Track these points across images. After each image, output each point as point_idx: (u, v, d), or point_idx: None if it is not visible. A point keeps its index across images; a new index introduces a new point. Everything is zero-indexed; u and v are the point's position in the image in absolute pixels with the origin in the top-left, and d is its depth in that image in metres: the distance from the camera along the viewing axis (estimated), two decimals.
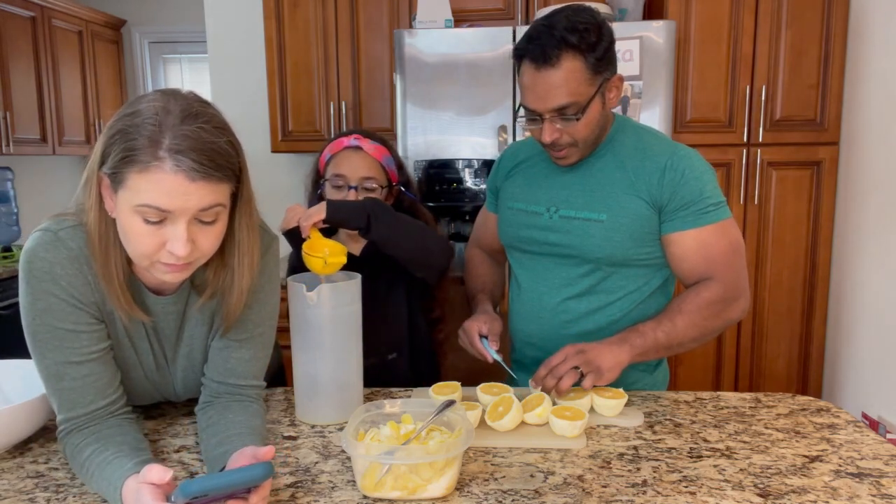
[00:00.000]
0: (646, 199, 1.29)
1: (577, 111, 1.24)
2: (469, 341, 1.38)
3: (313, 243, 1.28)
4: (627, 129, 1.36)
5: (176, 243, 0.91)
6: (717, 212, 1.28)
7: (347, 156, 1.55)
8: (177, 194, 0.89)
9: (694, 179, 1.27)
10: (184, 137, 0.88)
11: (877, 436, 1.12)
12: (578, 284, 1.36)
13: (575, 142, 1.28)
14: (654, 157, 1.30)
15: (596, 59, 1.22)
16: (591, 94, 1.24)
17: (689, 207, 1.27)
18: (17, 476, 1.02)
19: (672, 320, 1.26)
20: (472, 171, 2.53)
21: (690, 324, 1.27)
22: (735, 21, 2.63)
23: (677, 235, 1.29)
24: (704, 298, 1.27)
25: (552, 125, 1.26)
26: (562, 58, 1.20)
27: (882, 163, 2.50)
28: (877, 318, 2.55)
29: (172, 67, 4.87)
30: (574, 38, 1.20)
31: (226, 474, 0.81)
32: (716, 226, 1.28)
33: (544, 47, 1.21)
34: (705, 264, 1.29)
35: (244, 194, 1.01)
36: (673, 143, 1.34)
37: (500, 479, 0.98)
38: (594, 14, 1.25)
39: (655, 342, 1.25)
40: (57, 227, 1.00)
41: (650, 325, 1.26)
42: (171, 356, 1.13)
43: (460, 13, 2.79)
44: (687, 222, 1.28)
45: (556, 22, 1.22)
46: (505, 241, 1.49)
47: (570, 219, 1.34)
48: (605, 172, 1.33)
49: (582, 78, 1.22)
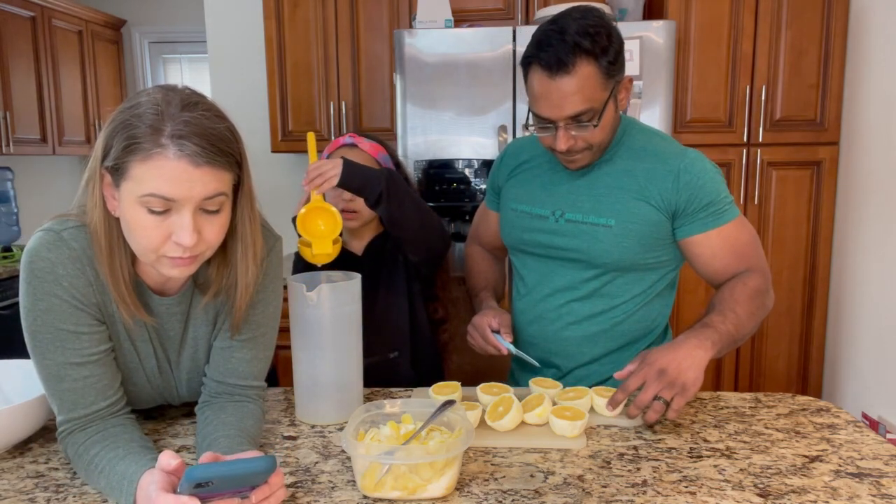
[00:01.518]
0: (656, 205, 1.28)
1: (594, 117, 1.21)
2: (481, 336, 1.36)
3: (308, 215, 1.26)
4: (634, 131, 1.35)
5: (182, 232, 0.91)
6: (732, 209, 1.30)
7: (343, 153, 1.56)
8: (181, 181, 0.89)
9: (710, 181, 1.27)
10: (185, 124, 0.89)
11: (877, 436, 1.12)
12: (583, 287, 1.35)
13: (590, 146, 1.26)
14: (666, 161, 1.29)
15: (609, 62, 1.19)
16: (606, 98, 1.21)
17: (708, 208, 1.27)
18: (17, 476, 1.02)
19: (734, 311, 1.21)
20: (472, 171, 2.53)
21: (749, 313, 1.23)
22: (735, 21, 2.63)
23: (702, 237, 1.29)
24: (752, 287, 1.25)
25: (567, 133, 1.23)
26: (577, 64, 1.17)
27: (882, 163, 2.50)
28: (877, 318, 2.55)
29: (172, 67, 4.87)
30: (587, 42, 1.17)
31: (229, 463, 0.81)
32: (735, 222, 1.29)
33: (558, 54, 1.17)
34: (737, 259, 1.29)
35: (245, 185, 1.01)
36: (681, 146, 1.33)
37: (500, 479, 0.98)
38: (603, 16, 1.22)
39: (729, 335, 1.18)
40: (60, 228, 1.00)
41: (718, 319, 1.19)
42: (175, 359, 1.13)
43: (460, 13, 2.80)
44: (708, 223, 1.28)
45: (567, 26, 1.18)
46: (508, 242, 1.48)
47: (578, 223, 1.33)
48: (612, 176, 1.32)
49: (597, 83, 1.19)
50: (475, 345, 1.40)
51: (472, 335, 1.39)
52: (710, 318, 1.21)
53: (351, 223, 1.58)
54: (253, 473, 0.81)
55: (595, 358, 1.39)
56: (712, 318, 1.20)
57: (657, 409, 1.10)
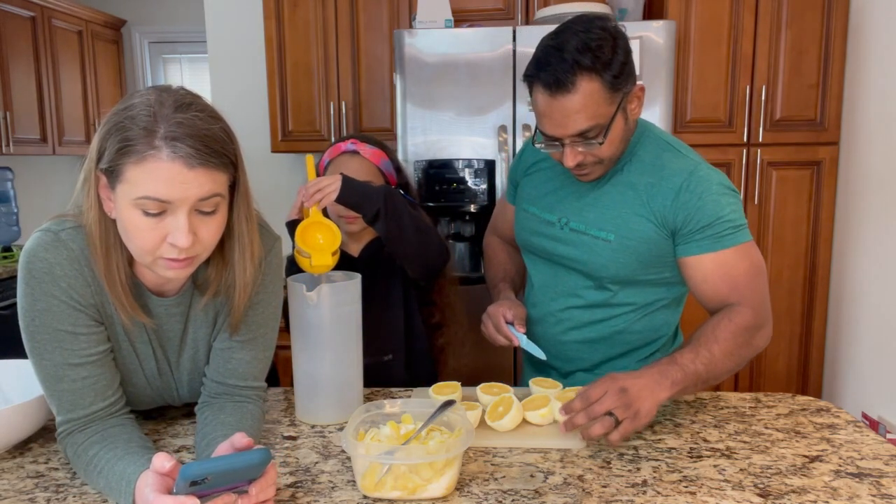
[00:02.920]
0: (655, 223, 1.24)
1: (599, 133, 1.17)
2: (495, 325, 1.33)
3: (308, 228, 1.26)
4: (648, 142, 1.29)
5: (177, 234, 0.91)
6: (735, 235, 1.21)
7: (345, 160, 1.55)
8: (175, 183, 0.88)
9: (712, 202, 1.20)
10: (178, 125, 0.88)
11: (877, 436, 1.12)
12: (585, 295, 1.34)
13: (600, 160, 1.23)
14: (670, 178, 1.23)
15: (613, 76, 1.14)
16: (613, 112, 1.17)
17: (705, 231, 1.21)
18: (17, 476, 1.02)
19: (709, 349, 1.15)
20: (472, 171, 2.53)
21: (727, 352, 1.16)
22: (735, 21, 2.63)
23: (694, 259, 1.23)
24: (737, 324, 1.17)
25: (574, 149, 1.20)
26: (577, 82, 1.13)
27: (882, 163, 2.50)
28: (877, 318, 2.55)
29: (172, 67, 4.87)
30: (587, 59, 1.12)
31: (223, 458, 0.81)
32: (735, 249, 1.21)
33: (556, 73, 1.13)
34: (728, 287, 1.22)
35: (241, 185, 1.00)
36: (695, 162, 1.26)
37: (500, 479, 0.98)
38: (605, 25, 1.16)
39: (696, 376, 1.13)
40: (58, 228, 1.00)
41: (688, 357, 1.14)
42: (175, 360, 1.13)
43: (460, 13, 2.79)
44: (703, 246, 1.21)
45: (566, 42, 1.14)
46: (518, 241, 1.47)
47: (580, 233, 1.31)
48: (618, 189, 1.28)
49: (601, 99, 1.15)
50: (487, 333, 1.36)
51: (486, 324, 1.36)
52: (681, 353, 1.15)
53: (351, 227, 1.57)
54: (248, 467, 0.81)
55: (595, 363, 1.38)
56: (683, 355, 1.14)
57: (606, 424, 1.04)
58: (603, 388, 1.06)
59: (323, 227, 1.27)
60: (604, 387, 1.07)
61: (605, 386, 1.07)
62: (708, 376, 1.14)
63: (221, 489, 0.81)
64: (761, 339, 1.21)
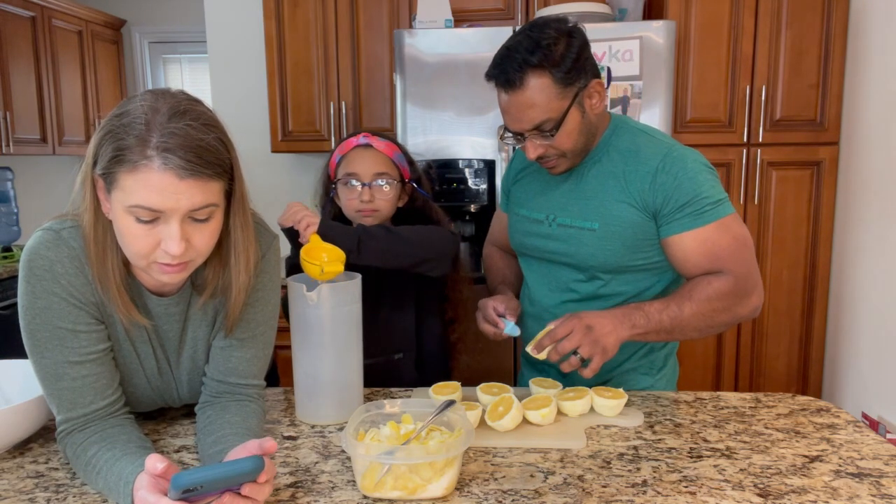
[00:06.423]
0: (637, 206, 1.27)
1: (553, 126, 1.24)
2: (483, 314, 1.38)
3: (312, 248, 1.27)
4: (623, 132, 1.34)
5: (170, 242, 0.91)
6: (715, 210, 1.24)
7: (358, 154, 1.54)
8: (167, 193, 0.89)
9: (688, 180, 1.24)
10: (171, 135, 0.88)
11: (877, 436, 1.12)
12: (578, 289, 1.37)
13: (563, 153, 1.29)
14: (646, 161, 1.28)
15: (564, 72, 1.21)
16: (566, 106, 1.23)
17: (684, 209, 1.24)
18: (17, 476, 1.02)
19: (679, 305, 1.23)
20: (472, 171, 2.53)
21: (697, 313, 1.23)
22: (735, 21, 2.63)
23: (676, 238, 1.27)
24: (716, 289, 1.23)
25: (533, 142, 1.27)
26: (525, 79, 1.21)
27: (882, 163, 2.50)
28: (877, 318, 2.55)
29: (172, 67, 4.87)
30: (536, 57, 1.20)
31: (215, 466, 0.81)
32: (716, 224, 1.24)
33: (507, 72, 1.22)
34: (710, 261, 1.25)
35: (238, 192, 1.00)
36: (668, 144, 1.30)
37: (500, 479, 0.98)
38: (560, 26, 1.24)
39: (659, 325, 1.23)
40: (59, 227, 1.00)
41: (656, 307, 1.23)
42: (175, 360, 1.13)
43: (460, 13, 2.79)
44: (684, 224, 1.25)
45: (518, 43, 1.22)
46: (513, 245, 1.51)
47: (567, 227, 1.35)
48: (598, 179, 1.32)
49: (552, 93, 1.22)
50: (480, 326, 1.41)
51: (477, 316, 1.41)
52: (650, 303, 1.25)
53: (367, 220, 1.57)
54: (240, 475, 0.81)
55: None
56: (651, 304, 1.24)
57: (573, 363, 1.18)
58: (570, 326, 1.19)
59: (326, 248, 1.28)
60: (570, 325, 1.19)
61: (571, 324, 1.19)
62: (672, 329, 1.24)
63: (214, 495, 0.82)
64: (745, 309, 1.26)
